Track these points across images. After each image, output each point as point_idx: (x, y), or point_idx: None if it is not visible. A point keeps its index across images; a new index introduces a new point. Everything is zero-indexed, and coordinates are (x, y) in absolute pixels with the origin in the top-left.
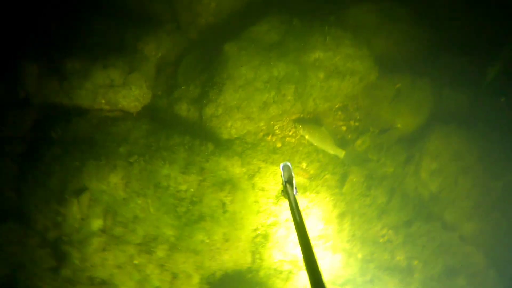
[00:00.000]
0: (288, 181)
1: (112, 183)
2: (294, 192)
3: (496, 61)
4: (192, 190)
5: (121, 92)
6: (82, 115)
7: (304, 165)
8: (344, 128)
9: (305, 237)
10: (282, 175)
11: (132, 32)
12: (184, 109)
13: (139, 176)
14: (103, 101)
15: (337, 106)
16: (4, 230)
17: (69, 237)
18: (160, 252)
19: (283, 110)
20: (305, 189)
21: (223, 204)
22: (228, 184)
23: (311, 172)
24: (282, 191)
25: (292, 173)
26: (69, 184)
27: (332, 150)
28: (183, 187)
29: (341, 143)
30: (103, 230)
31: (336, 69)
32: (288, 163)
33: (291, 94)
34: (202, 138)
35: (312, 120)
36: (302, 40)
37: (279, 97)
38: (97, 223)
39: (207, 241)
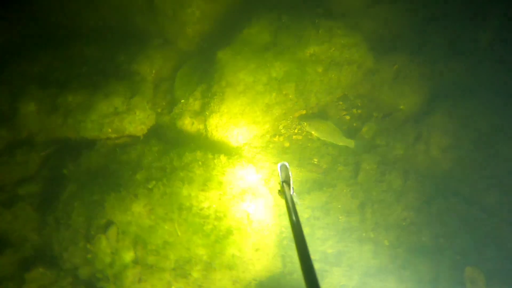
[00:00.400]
0: (285, 181)
1: (136, 212)
2: (291, 192)
3: (488, 27)
4: (214, 206)
5: (126, 118)
6: (91, 147)
7: (315, 160)
8: (348, 117)
9: (301, 237)
10: (280, 175)
11: (123, 54)
12: (187, 123)
13: (161, 201)
14: (110, 130)
15: (337, 96)
16: (36, 275)
17: (102, 273)
18: (196, 273)
19: (286, 109)
20: (321, 185)
21: (248, 215)
22: (247, 193)
23: (324, 166)
24: (279, 191)
25: (290, 173)
26: (93, 220)
27: (341, 141)
28: (205, 205)
29: (348, 133)
30: (135, 261)
31: (333, 60)
32: (286, 163)
33: (292, 92)
34: (213, 150)
35: (316, 115)
36: (295, 37)
37: (281, 97)
38: (128, 255)
39: (238, 254)
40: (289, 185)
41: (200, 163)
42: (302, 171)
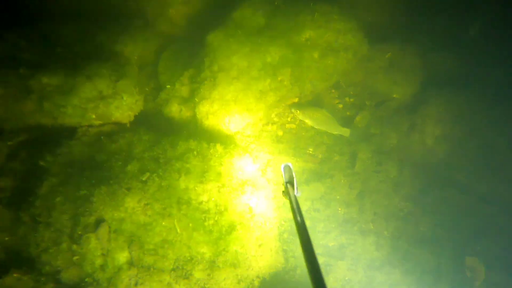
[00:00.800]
0: (289, 182)
1: (129, 208)
2: (296, 193)
3: (476, 20)
4: (213, 199)
5: (112, 103)
6: (71, 136)
7: (311, 150)
8: (341, 106)
9: (306, 238)
10: (283, 175)
11: (104, 34)
12: (175, 111)
13: (157, 195)
14: (94, 116)
15: (332, 84)
16: (10, 281)
17: (93, 277)
18: (198, 273)
19: (280, 96)
20: (319, 175)
21: (250, 208)
22: (247, 185)
23: (320, 156)
24: (283, 191)
25: (293, 174)
26: (80, 218)
27: (336, 130)
28: (204, 198)
29: (342, 122)
30: (131, 263)
31: (329, 46)
32: (289, 164)
33: (287, 78)
34: (206, 139)
35: (310, 103)
36: (291, 20)
37: (276, 83)
38: (122, 256)
39: (241, 250)
40: (293, 185)
41: (195, 153)
42: (298, 161)
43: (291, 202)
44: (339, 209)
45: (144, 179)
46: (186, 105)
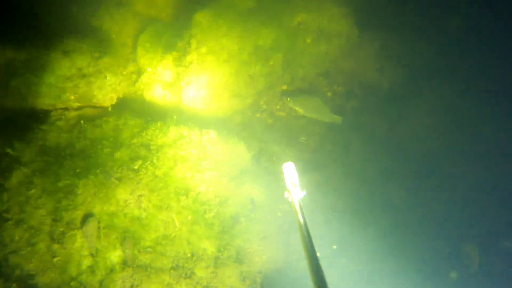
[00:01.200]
0: (292, 182)
1: (121, 200)
2: (298, 193)
3: (457, 14)
4: (212, 188)
5: (95, 82)
6: (43, 120)
7: (303, 139)
8: (329, 94)
9: (308, 238)
10: (286, 175)
11: (79, 6)
12: (159, 95)
13: (152, 185)
14: (72, 97)
15: (323, 71)
16: None
17: (79, 281)
18: (201, 271)
19: (271, 82)
20: (314, 165)
21: (251, 200)
22: (246, 174)
23: (313, 145)
24: (286, 192)
25: (296, 173)
26: (62, 212)
27: (327, 118)
28: (202, 188)
29: (333, 110)
30: (124, 262)
31: (322, 31)
32: (292, 163)
33: (279, 64)
34: (199, 124)
35: (301, 91)
36: (282, 2)
37: (267, 68)
38: (114, 255)
39: (243, 244)
40: (295, 186)
41: (188, 139)
42: (292, 150)
43: (293, 203)
44: (338, 201)
45: (136, 167)
46: (171, 90)
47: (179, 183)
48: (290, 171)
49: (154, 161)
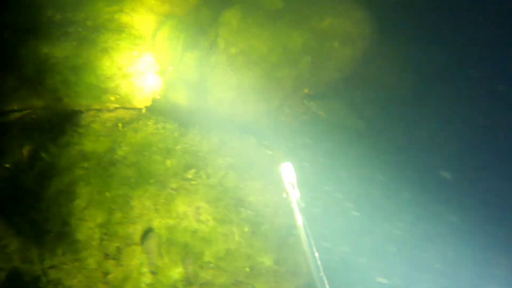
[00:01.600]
0: (290, 182)
1: (180, 213)
2: (296, 194)
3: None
4: (259, 198)
5: (136, 83)
6: (78, 122)
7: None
8: (350, 98)
9: (308, 238)
10: (284, 176)
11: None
12: (183, 98)
13: (209, 195)
14: (113, 98)
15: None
16: None
17: None
18: (261, 286)
19: (296, 86)
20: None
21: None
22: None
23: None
24: (284, 193)
25: (294, 174)
26: (116, 226)
27: (351, 123)
28: (252, 199)
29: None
30: (187, 280)
31: (347, 36)
32: (289, 163)
33: (307, 67)
34: (238, 129)
35: (323, 95)
36: (310, 5)
37: (295, 72)
38: (175, 273)
39: (297, 257)
40: (294, 186)
41: (230, 146)
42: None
43: (292, 203)
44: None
45: (190, 176)
46: (195, 90)
47: (232, 193)
48: (288, 171)
49: (209, 170)
